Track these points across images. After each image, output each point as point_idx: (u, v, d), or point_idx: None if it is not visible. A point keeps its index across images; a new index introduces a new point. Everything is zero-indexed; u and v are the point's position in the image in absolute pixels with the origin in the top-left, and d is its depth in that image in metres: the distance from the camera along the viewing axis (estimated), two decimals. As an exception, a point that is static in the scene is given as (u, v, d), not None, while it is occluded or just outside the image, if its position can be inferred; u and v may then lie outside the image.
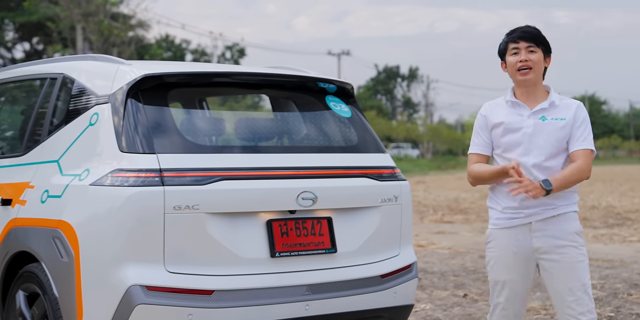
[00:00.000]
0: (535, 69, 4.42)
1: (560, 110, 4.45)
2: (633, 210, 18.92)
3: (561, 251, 4.38)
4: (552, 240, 4.39)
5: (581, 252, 4.42)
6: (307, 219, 4.62)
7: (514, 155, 4.42)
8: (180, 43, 68.22)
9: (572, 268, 4.38)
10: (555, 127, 4.41)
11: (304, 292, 4.52)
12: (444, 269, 10.05)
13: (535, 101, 4.47)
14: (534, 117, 4.43)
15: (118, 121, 4.44)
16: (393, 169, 5.08)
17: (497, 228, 4.50)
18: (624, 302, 7.73)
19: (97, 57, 5.07)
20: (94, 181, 4.33)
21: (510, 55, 4.46)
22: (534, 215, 4.41)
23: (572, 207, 4.45)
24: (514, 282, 4.48)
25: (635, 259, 10.83)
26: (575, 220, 4.46)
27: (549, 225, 4.40)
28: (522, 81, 4.44)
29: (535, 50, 4.43)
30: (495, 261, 4.53)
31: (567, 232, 4.40)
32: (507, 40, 4.49)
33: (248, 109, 48.94)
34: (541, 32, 4.48)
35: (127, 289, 4.16)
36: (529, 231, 4.42)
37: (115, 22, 39.28)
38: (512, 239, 4.46)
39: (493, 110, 4.56)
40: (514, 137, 4.44)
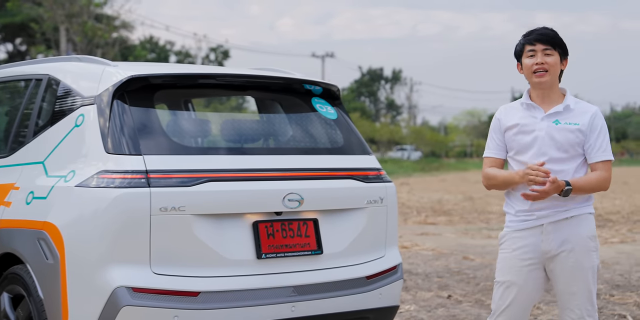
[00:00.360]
0: (551, 71, 4.39)
1: (575, 114, 4.40)
2: (614, 211, 19.03)
3: (570, 255, 4.33)
4: (562, 244, 4.33)
5: (590, 257, 4.35)
6: (293, 221, 4.63)
7: (526, 157, 4.39)
8: (164, 44, 68.09)
9: (578, 273, 4.33)
10: (568, 131, 4.36)
11: (290, 293, 4.53)
12: (428, 270, 10.07)
13: (551, 104, 4.43)
14: (547, 120, 4.40)
15: (104, 122, 4.43)
16: (378, 170, 5.10)
17: (510, 230, 4.47)
18: (606, 303, 7.77)
19: (82, 58, 5.06)
20: (80, 182, 4.33)
21: (527, 57, 4.42)
22: (546, 217, 4.36)
23: (586, 209, 4.39)
24: (520, 285, 4.40)
25: (617, 260, 10.89)
26: (590, 223, 4.39)
27: (560, 228, 4.35)
28: (538, 83, 4.41)
29: (551, 53, 4.39)
30: (504, 262, 4.47)
31: (579, 236, 4.34)
32: (524, 42, 4.45)
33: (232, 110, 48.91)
34: (558, 35, 4.44)
35: (113, 291, 4.16)
36: (540, 234, 4.37)
37: (99, 23, 39.17)
38: (523, 241, 4.40)
39: (507, 113, 4.54)
40: (527, 140, 4.41)
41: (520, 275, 4.42)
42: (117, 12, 41.08)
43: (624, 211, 19.10)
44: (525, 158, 4.41)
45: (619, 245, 12.71)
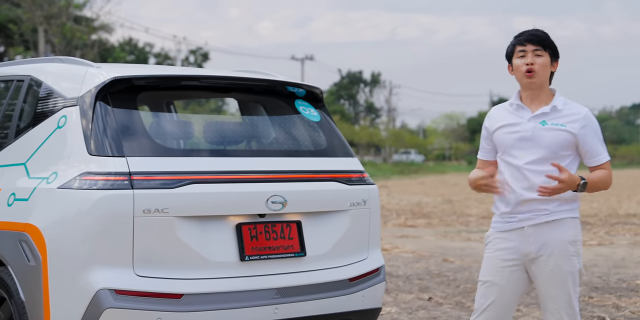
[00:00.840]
0: (541, 72, 4.39)
1: (563, 115, 4.40)
2: (592, 214, 19.15)
3: (550, 259, 4.33)
4: (542, 247, 4.33)
5: (570, 262, 4.34)
6: (277, 223, 4.63)
7: (512, 158, 4.41)
8: (143, 46, 67.84)
9: (558, 277, 4.33)
10: (554, 132, 4.36)
11: (273, 295, 4.53)
12: (409, 272, 10.09)
13: (540, 105, 4.44)
14: (534, 121, 4.40)
15: (86, 124, 4.42)
16: (361, 173, 5.11)
17: (494, 231, 4.49)
18: (585, 305, 7.81)
19: (64, 59, 5.04)
20: (62, 184, 4.31)
21: (517, 57, 4.43)
22: (527, 220, 4.36)
23: (568, 213, 4.38)
24: (500, 286, 4.41)
25: (595, 263, 10.95)
26: (571, 227, 4.37)
27: (541, 231, 4.35)
28: (528, 84, 4.41)
29: (542, 54, 4.39)
30: (487, 262, 4.49)
31: (559, 240, 4.33)
32: (515, 42, 4.46)
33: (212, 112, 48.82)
34: (549, 36, 4.45)
35: (96, 293, 4.14)
36: (521, 236, 4.38)
37: (78, 25, 39.03)
38: (505, 243, 4.41)
39: (497, 115, 4.55)
40: (513, 140, 4.42)
41: (501, 276, 4.43)
42: (97, 14, 40.96)
43: (602, 214, 19.23)
44: (511, 159, 4.42)
45: (597, 248, 12.79)
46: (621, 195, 28.15)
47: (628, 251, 12.35)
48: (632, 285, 9.02)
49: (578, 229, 4.40)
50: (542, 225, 4.35)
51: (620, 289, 8.78)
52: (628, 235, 14.68)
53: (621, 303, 7.88)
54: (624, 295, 8.33)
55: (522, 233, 4.39)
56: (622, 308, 7.66)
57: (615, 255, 11.88)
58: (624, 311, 7.51)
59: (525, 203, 4.36)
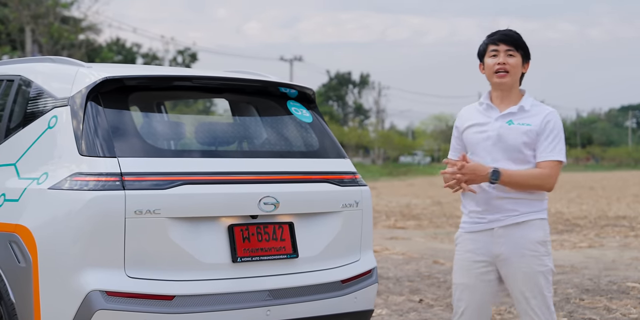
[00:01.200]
0: (512, 72, 4.41)
1: (530, 115, 4.42)
2: (581, 216, 19.17)
3: (520, 260, 4.35)
4: (512, 248, 4.35)
5: (541, 262, 4.37)
6: (269, 224, 4.60)
7: (479, 157, 4.42)
8: (131, 46, 67.71)
9: (529, 277, 4.35)
10: (520, 132, 4.38)
11: (265, 297, 4.50)
12: (399, 274, 10.08)
13: (509, 105, 4.45)
14: (501, 120, 4.42)
15: (77, 124, 4.38)
16: (354, 174, 5.08)
17: (463, 231, 4.52)
18: (576, 307, 7.81)
19: (55, 59, 5.00)
20: (53, 185, 4.27)
21: (489, 57, 4.44)
22: (496, 221, 4.39)
23: (537, 215, 4.40)
24: (474, 288, 4.45)
25: (586, 265, 10.96)
26: (540, 228, 4.39)
27: (511, 232, 4.37)
28: (498, 84, 4.43)
29: (514, 54, 4.41)
30: (458, 264, 4.54)
31: (528, 241, 4.36)
32: (488, 42, 4.47)
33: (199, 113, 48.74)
34: (522, 37, 4.46)
35: (87, 295, 4.10)
36: (491, 237, 4.40)
37: (66, 24, 38.93)
38: (475, 244, 4.45)
39: (467, 114, 4.58)
40: (480, 140, 4.44)
41: (472, 277, 4.47)
42: (84, 14, 40.86)
43: (591, 216, 19.25)
44: (477, 158, 4.43)
45: (587, 250, 12.80)
46: (610, 197, 28.23)
47: (618, 253, 12.37)
48: (623, 287, 9.02)
49: (547, 230, 4.44)
50: (512, 227, 4.37)
51: (611, 291, 8.78)
52: (618, 238, 14.70)
53: (612, 305, 7.88)
54: (614, 298, 8.33)
55: (491, 234, 4.41)
56: (613, 310, 7.65)
57: (606, 257, 11.89)
58: (615, 313, 7.51)
59: (494, 202, 4.39)
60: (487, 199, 4.39)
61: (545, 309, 4.37)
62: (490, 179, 4.28)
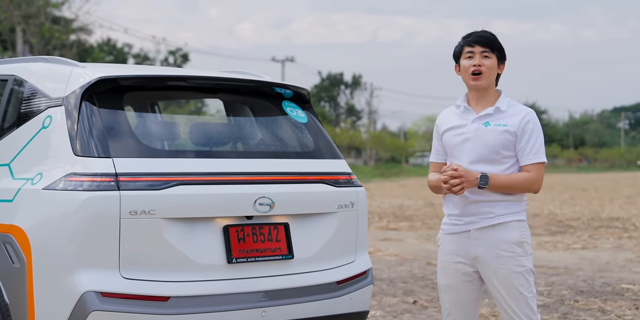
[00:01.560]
0: (488, 74, 4.41)
1: (506, 116, 4.41)
2: (574, 218, 19.19)
3: (497, 261, 4.35)
4: (489, 249, 4.36)
5: (518, 262, 4.36)
6: (264, 225, 4.58)
7: (457, 160, 4.43)
8: (122, 47, 67.62)
9: (507, 278, 4.35)
10: (497, 133, 4.37)
11: (260, 298, 4.48)
12: (393, 275, 10.06)
13: (485, 106, 4.46)
14: (477, 122, 4.42)
15: (72, 124, 4.35)
16: (349, 175, 5.07)
17: (443, 233, 4.55)
18: (570, 309, 7.81)
19: (49, 59, 4.97)
20: (47, 185, 4.24)
21: (465, 58, 4.44)
22: (472, 223, 4.40)
23: (513, 217, 4.39)
24: (456, 288, 4.47)
25: (580, 266, 10.96)
26: (516, 230, 4.38)
27: (487, 234, 4.37)
28: (474, 86, 4.43)
29: (489, 56, 4.41)
30: (440, 266, 4.57)
31: (504, 242, 4.35)
32: (463, 43, 4.47)
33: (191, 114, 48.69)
34: (497, 38, 4.48)
35: (81, 295, 4.08)
36: (468, 239, 4.42)
37: (57, 25, 38.85)
38: (453, 246, 4.47)
39: (445, 117, 4.59)
40: (458, 142, 4.45)
41: (454, 278, 4.49)
42: (75, 14, 40.78)
43: (584, 217, 19.27)
44: (457, 161, 4.44)
45: (580, 251, 12.80)
46: (603, 198, 28.28)
47: (612, 255, 12.37)
48: (618, 288, 9.02)
49: (525, 231, 4.43)
50: (488, 229, 4.38)
51: (605, 292, 8.78)
52: (612, 239, 14.71)
53: (607, 307, 7.88)
54: (609, 299, 8.33)
55: (468, 236, 4.43)
56: (608, 312, 7.65)
57: (600, 258, 11.90)
58: (610, 315, 7.51)
59: (470, 205, 4.40)
60: (464, 202, 4.41)
61: (527, 310, 4.36)
62: (479, 184, 4.28)
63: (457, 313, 4.51)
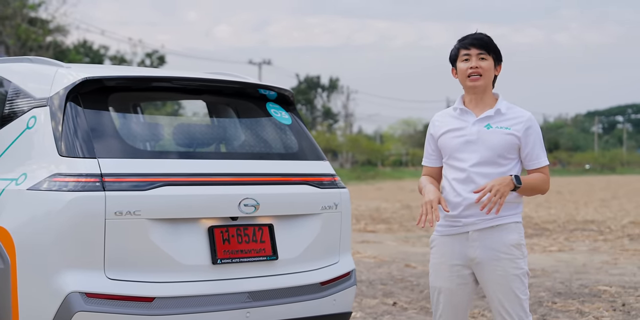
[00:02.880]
0: (485, 76, 4.42)
1: (507, 118, 4.43)
2: (550, 220, 19.29)
3: (495, 263, 4.36)
4: (487, 252, 4.36)
5: (516, 265, 4.37)
6: (249, 226, 4.59)
7: (458, 162, 4.43)
8: (98, 49, 67.28)
9: (504, 280, 4.36)
10: (500, 135, 4.38)
11: (245, 299, 4.49)
12: (372, 277, 10.09)
13: (484, 109, 4.46)
14: (478, 125, 4.42)
15: (56, 125, 4.35)
16: (333, 176, 5.09)
17: (438, 235, 4.52)
18: (549, 310, 7.86)
19: (33, 59, 4.96)
20: (32, 186, 4.23)
21: (461, 61, 4.45)
22: (471, 224, 4.39)
23: (512, 218, 4.41)
24: (450, 291, 4.47)
25: (557, 268, 11.03)
26: (514, 231, 4.40)
27: (486, 236, 4.38)
28: (472, 88, 4.44)
29: (486, 58, 4.42)
30: (434, 268, 4.54)
31: (503, 244, 4.36)
32: (459, 46, 4.47)
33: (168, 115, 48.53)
34: (492, 40, 4.48)
35: (66, 296, 4.07)
36: (466, 241, 4.41)
37: (33, 26, 38.64)
38: (449, 247, 4.46)
39: (441, 120, 4.57)
40: (458, 144, 4.43)
41: (448, 281, 4.48)
42: (52, 16, 40.58)
43: (560, 220, 19.37)
44: (457, 163, 4.44)
45: (557, 254, 12.88)
46: (578, 201, 28.44)
47: (588, 257, 12.46)
48: (595, 290, 9.09)
49: (522, 233, 4.45)
50: (487, 230, 4.38)
51: (582, 294, 8.85)
52: (587, 242, 14.81)
53: (584, 308, 7.94)
54: (586, 301, 8.39)
55: (466, 238, 4.42)
56: (586, 313, 7.71)
57: (576, 261, 11.97)
58: (588, 316, 7.56)
59: (472, 206, 4.38)
60: (464, 203, 4.40)
61: (521, 312, 4.39)
62: (515, 184, 4.29)
63: (448, 315, 4.50)
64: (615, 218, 19.99)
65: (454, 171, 4.44)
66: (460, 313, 4.52)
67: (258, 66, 69.81)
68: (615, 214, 21.41)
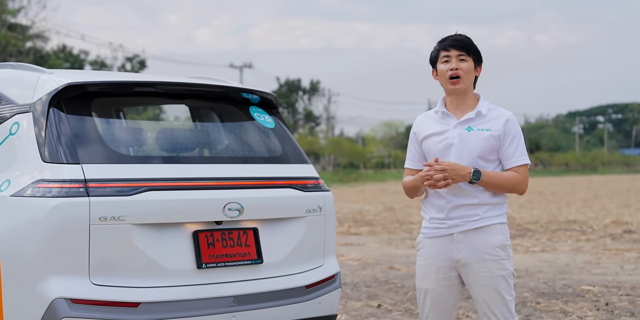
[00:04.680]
0: (466, 77, 4.42)
1: (488, 120, 4.44)
2: (533, 221, 19.37)
3: (480, 264, 4.37)
4: (472, 253, 4.38)
5: (501, 266, 4.39)
6: (233, 230, 4.60)
7: None
8: (78, 54, 67.08)
9: (490, 281, 4.37)
10: (481, 138, 4.39)
11: (230, 303, 4.49)
12: (356, 280, 10.11)
13: (465, 111, 4.47)
14: (460, 128, 4.43)
15: (39, 131, 4.34)
16: (317, 179, 5.10)
17: (424, 237, 4.53)
18: (533, 311, 7.89)
19: (15, 65, 4.95)
20: (15, 192, 4.22)
21: (441, 63, 4.45)
22: (456, 226, 4.41)
23: (497, 219, 4.42)
24: (436, 292, 4.48)
25: (540, 269, 11.08)
26: (499, 233, 4.41)
27: (471, 237, 4.39)
28: (452, 90, 4.44)
29: (466, 59, 4.42)
30: (420, 270, 4.56)
31: (488, 245, 4.38)
32: (439, 48, 4.48)
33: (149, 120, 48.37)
34: (472, 41, 4.48)
35: (51, 303, 4.06)
36: (451, 242, 4.42)
37: (13, 32, 38.50)
38: (435, 249, 4.47)
39: (423, 123, 4.57)
40: (441, 148, 4.44)
41: (435, 282, 4.49)
42: (32, 21, 40.43)
43: (542, 221, 19.46)
44: None
45: (540, 254, 12.94)
46: (560, 202, 28.56)
47: (571, 257, 12.53)
48: (578, 290, 9.14)
49: (507, 234, 4.47)
50: (472, 232, 4.40)
51: (566, 294, 8.89)
52: (570, 242, 14.89)
53: (568, 308, 7.98)
54: (570, 301, 8.44)
55: (451, 239, 4.43)
56: (570, 313, 7.75)
57: (559, 261, 12.04)
58: (572, 316, 7.60)
59: (455, 209, 4.41)
60: (448, 206, 4.41)
61: (507, 313, 4.41)
62: (472, 179, 4.30)
63: (434, 317, 4.52)
64: (597, 218, 20.10)
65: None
66: (447, 314, 4.54)
67: (239, 69, 69.81)
68: (597, 214, 21.53)
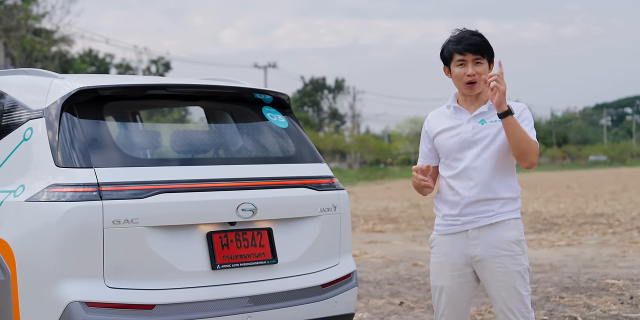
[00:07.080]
0: (481, 81, 4.37)
1: None
2: (559, 215, 19.27)
3: (496, 260, 4.36)
4: (487, 249, 4.36)
5: (517, 261, 4.37)
6: (247, 230, 4.61)
7: (456, 161, 4.41)
8: (104, 57, 67.49)
9: (505, 277, 4.36)
10: (495, 129, 4.36)
11: (245, 303, 4.51)
12: (379, 277, 10.09)
13: (478, 105, 4.45)
14: (473, 121, 4.41)
15: (53, 136, 4.37)
16: (331, 178, 5.10)
17: (438, 234, 4.52)
18: (556, 306, 7.85)
19: (28, 71, 4.98)
20: (30, 197, 4.26)
21: (457, 66, 4.40)
22: (471, 222, 4.39)
23: (511, 215, 4.40)
24: (451, 290, 4.47)
25: (565, 263, 11.02)
26: (514, 228, 4.39)
27: (485, 233, 4.37)
28: (468, 93, 4.42)
29: (481, 62, 4.38)
30: (435, 267, 4.55)
31: (503, 241, 4.36)
32: (453, 50, 4.41)
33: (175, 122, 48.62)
34: (486, 40, 4.43)
35: (67, 306, 4.09)
36: (466, 239, 4.41)
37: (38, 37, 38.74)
38: (449, 246, 4.46)
39: (435, 120, 4.55)
40: (454, 143, 4.42)
41: (450, 280, 4.47)
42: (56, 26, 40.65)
43: (569, 215, 19.36)
44: (455, 162, 4.42)
45: (565, 248, 12.87)
46: (588, 195, 28.40)
47: (596, 251, 12.45)
48: (602, 284, 9.09)
49: (521, 229, 4.44)
50: (486, 228, 4.38)
51: (590, 288, 8.84)
52: (596, 235, 14.80)
53: (592, 302, 7.94)
54: (594, 295, 8.39)
55: (466, 236, 4.41)
56: (594, 307, 7.71)
57: (584, 255, 11.97)
58: (595, 310, 7.56)
59: (470, 205, 4.38)
60: (463, 202, 4.40)
61: (523, 308, 4.39)
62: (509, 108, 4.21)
63: (450, 314, 4.51)
64: (624, 211, 19.98)
65: (451, 170, 4.44)
66: (462, 311, 4.53)
67: (263, 69, 69.87)
68: (624, 207, 21.40)
